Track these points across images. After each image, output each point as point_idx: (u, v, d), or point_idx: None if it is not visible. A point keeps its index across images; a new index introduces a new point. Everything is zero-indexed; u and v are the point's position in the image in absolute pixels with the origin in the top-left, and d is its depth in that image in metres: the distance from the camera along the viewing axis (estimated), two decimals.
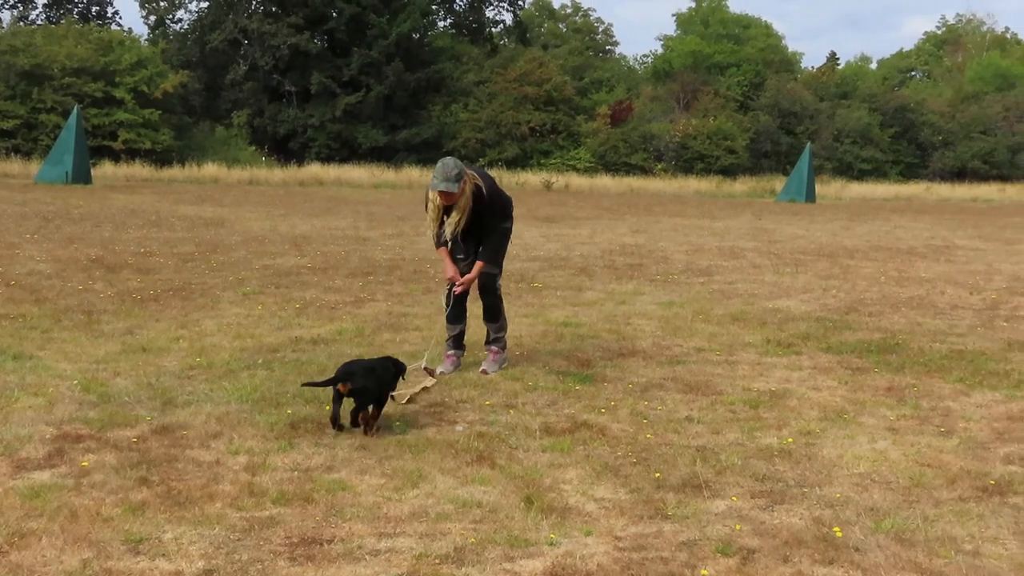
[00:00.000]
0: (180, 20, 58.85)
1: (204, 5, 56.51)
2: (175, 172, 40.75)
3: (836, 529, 4.60)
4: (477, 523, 4.60)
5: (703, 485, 5.17)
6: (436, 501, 4.87)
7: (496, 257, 7.77)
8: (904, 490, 5.20)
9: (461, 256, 7.72)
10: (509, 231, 7.89)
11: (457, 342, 7.84)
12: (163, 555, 4.16)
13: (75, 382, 6.84)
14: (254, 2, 54.72)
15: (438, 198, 7.39)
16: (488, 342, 7.93)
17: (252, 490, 4.92)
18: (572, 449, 5.74)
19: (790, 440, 6.01)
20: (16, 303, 9.82)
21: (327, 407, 6.18)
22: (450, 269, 7.65)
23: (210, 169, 41.48)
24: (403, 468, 5.32)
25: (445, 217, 7.49)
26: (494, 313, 7.86)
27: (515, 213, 7.95)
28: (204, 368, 7.46)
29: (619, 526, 4.62)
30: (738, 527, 4.62)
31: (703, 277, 13.53)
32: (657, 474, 5.33)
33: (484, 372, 7.61)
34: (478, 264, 7.59)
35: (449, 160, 7.38)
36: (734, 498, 5.01)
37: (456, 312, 7.77)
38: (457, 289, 7.66)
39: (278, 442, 5.70)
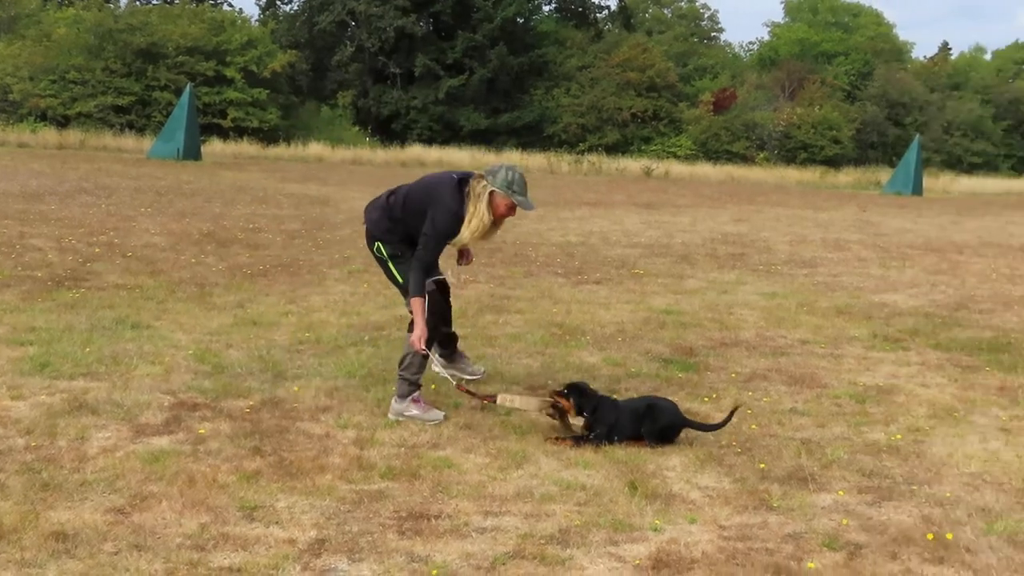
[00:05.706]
0: (290, 1, 59.95)
1: None
2: (281, 150, 41.49)
3: (946, 530, 4.53)
4: (581, 505, 4.64)
5: (808, 478, 5.13)
6: (540, 482, 4.92)
7: None
8: (1017, 492, 5.08)
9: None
10: None
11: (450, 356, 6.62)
12: (277, 523, 4.29)
13: (190, 352, 7.06)
14: None
15: (496, 217, 6.00)
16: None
17: (361, 464, 5.04)
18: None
19: (898, 436, 5.92)
20: (133, 274, 10.15)
21: (433, 386, 6.29)
22: (422, 328, 5.80)
23: (315, 148, 42.14)
24: (507, 449, 5.38)
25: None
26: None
27: (616, 199, 7.46)
28: (312, 343, 7.62)
29: (724, 515, 4.61)
30: (845, 522, 4.58)
31: (807, 268, 13.33)
32: (761, 465, 5.30)
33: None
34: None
35: (517, 169, 6.19)
36: (840, 492, 4.95)
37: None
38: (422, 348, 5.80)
39: (385, 418, 5.81)
